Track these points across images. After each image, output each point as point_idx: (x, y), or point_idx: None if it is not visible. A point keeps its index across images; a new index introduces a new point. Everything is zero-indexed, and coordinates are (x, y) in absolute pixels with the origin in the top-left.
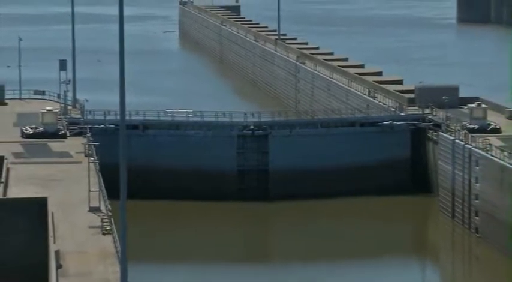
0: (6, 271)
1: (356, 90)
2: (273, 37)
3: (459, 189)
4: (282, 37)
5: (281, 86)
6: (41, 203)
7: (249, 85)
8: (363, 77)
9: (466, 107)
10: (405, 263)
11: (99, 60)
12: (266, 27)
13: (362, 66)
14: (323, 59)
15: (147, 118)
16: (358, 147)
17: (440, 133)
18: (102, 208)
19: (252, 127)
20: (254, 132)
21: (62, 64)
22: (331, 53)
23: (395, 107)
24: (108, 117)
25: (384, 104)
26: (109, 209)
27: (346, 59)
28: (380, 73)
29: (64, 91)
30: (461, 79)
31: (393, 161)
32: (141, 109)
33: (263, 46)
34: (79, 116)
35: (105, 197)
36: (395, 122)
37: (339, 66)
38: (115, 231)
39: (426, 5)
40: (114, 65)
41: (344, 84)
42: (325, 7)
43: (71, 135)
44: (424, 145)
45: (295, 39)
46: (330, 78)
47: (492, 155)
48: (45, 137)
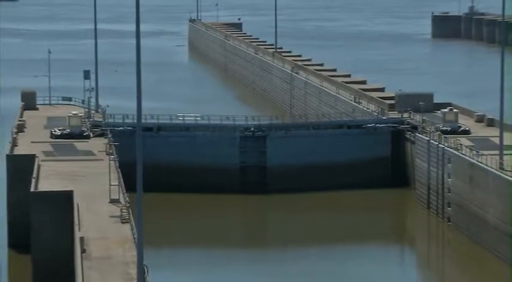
0: (37, 255)
1: (343, 96)
2: (271, 50)
3: (433, 183)
4: (279, 50)
5: (278, 93)
6: (68, 196)
7: (250, 92)
8: (350, 85)
9: (440, 112)
10: (386, 247)
11: (116, 70)
12: (265, 41)
13: (349, 75)
14: (314, 70)
15: (161, 121)
16: (345, 146)
17: (417, 134)
18: (121, 200)
19: (253, 129)
20: (254, 133)
21: (86, 74)
22: (321, 64)
23: (377, 112)
24: (126, 120)
25: (368, 109)
26: (127, 201)
27: (334, 70)
28: (364, 82)
29: (88, 97)
30: (435, 87)
31: (376, 159)
32: (155, 113)
33: (262, 58)
34: (101, 119)
35: (123, 190)
36: (377, 125)
37: (329, 75)
38: (132, 220)
39: (405, 23)
40: (131, 75)
41: (333, 91)
42: (316, 24)
43: (94, 136)
44: (403, 145)
45: (290, 52)
46: (321, 86)
47: (462, 154)
48: (71, 138)
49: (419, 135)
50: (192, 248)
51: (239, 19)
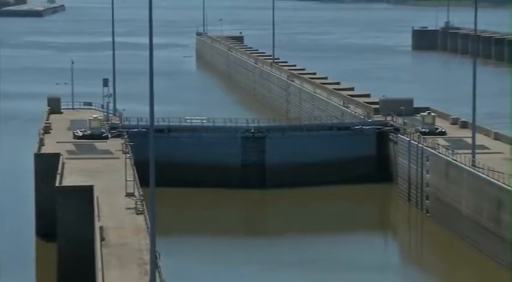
0: (62, 242)
1: (333, 101)
2: (269, 60)
3: (413, 179)
4: (276, 60)
5: (275, 99)
6: (88, 190)
7: (250, 97)
8: (339, 92)
9: (419, 115)
10: (372, 235)
11: (129, 79)
12: (263, 52)
13: (338, 83)
14: (308, 78)
15: (171, 123)
16: (335, 146)
17: (399, 135)
18: (135, 194)
19: (253, 130)
20: (254, 134)
21: (105, 81)
22: (314, 73)
23: (364, 115)
24: (140, 122)
25: (355, 113)
26: (141, 194)
27: (326, 78)
28: (352, 88)
29: (106, 102)
30: (414, 93)
31: (362, 157)
32: (166, 116)
33: (261, 67)
34: (118, 122)
35: (138, 185)
36: (364, 127)
37: (320, 83)
38: (146, 211)
39: (388, 36)
40: (145, 82)
41: (324, 97)
42: (309, 37)
43: (112, 137)
44: (386, 145)
45: (286, 62)
46: (313, 92)
47: (439, 152)
48: (92, 138)
49: (401, 136)
50: (199, 236)
51: (240, 33)
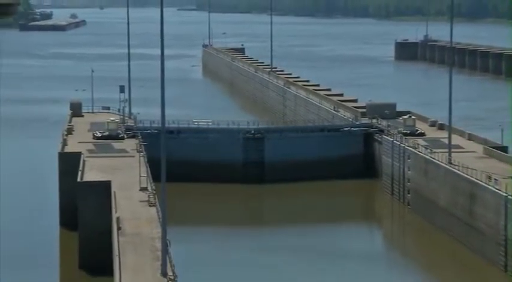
0: (83, 232)
1: (325, 106)
2: (267, 69)
3: (396, 175)
4: (274, 69)
5: (273, 103)
6: (107, 185)
7: (251, 102)
8: (330, 97)
9: (401, 118)
10: (359, 225)
11: (142, 86)
12: (262, 62)
13: (329, 89)
14: (302, 85)
15: (180, 125)
16: (326, 145)
17: (383, 136)
18: (148, 188)
19: (253, 132)
20: (254, 135)
21: (121, 88)
22: (307, 81)
23: (352, 118)
24: (153, 125)
25: (344, 116)
26: (153, 189)
27: (318, 85)
28: (342, 94)
29: (122, 107)
30: (397, 98)
31: (351, 156)
32: (176, 119)
33: (260, 76)
34: (133, 124)
35: (150, 180)
36: (352, 129)
37: (313, 89)
38: (158, 204)
39: (373, 48)
40: (156, 89)
41: (316, 102)
42: (303, 49)
43: (127, 137)
44: (372, 144)
45: (282, 71)
46: (307, 98)
47: (419, 151)
48: (109, 139)
49: (385, 136)
50: (205, 226)
51: (242, 45)
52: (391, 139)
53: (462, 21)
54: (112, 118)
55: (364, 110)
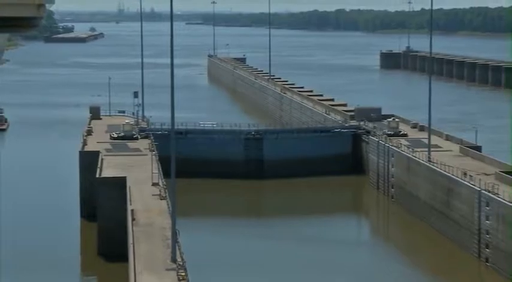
0: (101, 222)
1: (317, 110)
2: (266, 77)
3: (381, 171)
4: (272, 77)
5: (271, 108)
6: (122, 180)
7: (251, 107)
8: (322, 102)
9: (386, 121)
10: (348, 216)
11: (155, 91)
12: (262, 70)
13: (321, 95)
14: (297, 91)
15: (188, 127)
16: (319, 145)
17: (369, 137)
18: (160, 183)
19: (253, 133)
20: (254, 136)
21: (135, 94)
22: (302, 87)
23: (342, 121)
24: (163, 126)
25: (335, 119)
26: (164, 184)
27: (311, 91)
28: (333, 99)
29: (136, 110)
30: (382, 102)
31: (341, 154)
32: (184, 121)
33: (260, 82)
34: (146, 126)
35: (161, 176)
36: (342, 130)
37: (307, 95)
38: (168, 197)
39: (361, 58)
40: (167, 94)
41: (310, 106)
42: (298, 58)
43: (141, 138)
44: (360, 144)
45: (279, 78)
46: (302, 102)
47: (402, 150)
48: (125, 139)
49: (371, 137)
50: (210, 217)
51: (243, 55)
52: (377, 139)
53: (440, 34)
54: (127, 121)
55: (352, 114)
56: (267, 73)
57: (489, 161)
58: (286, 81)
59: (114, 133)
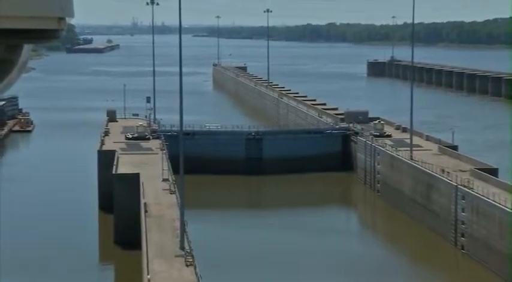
0: (117, 214)
1: (311, 113)
2: (265, 84)
3: (368, 168)
4: (270, 84)
5: (269, 111)
6: (136, 176)
7: (252, 110)
8: (315, 106)
9: (372, 123)
10: (338, 209)
11: (165, 97)
12: (261, 78)
13: (314, 100)
14: (293, 96)
15: (195, 129)
16: (312, 145)
17: (358, 137)
18: (169, 179)
19: (253, 134)
20: (255, 136)
21: (148, 99)
22: (297, 93)
23: (333, 123)
24: (173, 128)
25: (327, 121)
26: (173, 180)
27: (305, 96)
28: (325, 104)
29: (149, 114)
30: (369, 106)
31: (332, 153)
32: (191, 123)
33: (259, 88)
34: (157, 128)
35: (171, 173)
36: (333, 131)
37: (302, 100)
38: (177, 191)
39: (350, 66)
40: (176, 99)
41: (304, 110)
42: (293, 67)
43: (153, 138)
44: (349, 144)
45: (277, 84)
46: (297, 106)
47: (386, 150)
48: (138, 139)
49: (359, 138)
50: (215, 209)
51: (245, 64)
52: (364, 140)
53: (421, 45)
54: (140, 123)
55: (342, 116)
56: (266, 80)
57: (465, 159)
58: (283, 87)
59: (128, 134)
